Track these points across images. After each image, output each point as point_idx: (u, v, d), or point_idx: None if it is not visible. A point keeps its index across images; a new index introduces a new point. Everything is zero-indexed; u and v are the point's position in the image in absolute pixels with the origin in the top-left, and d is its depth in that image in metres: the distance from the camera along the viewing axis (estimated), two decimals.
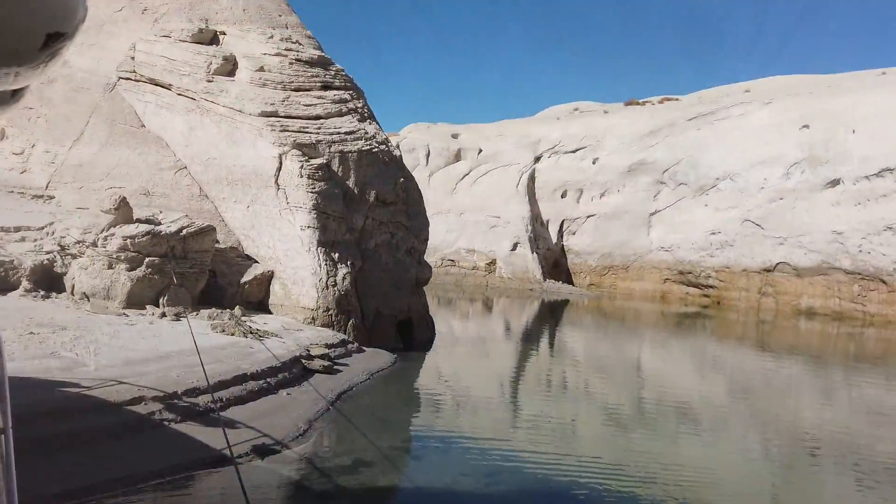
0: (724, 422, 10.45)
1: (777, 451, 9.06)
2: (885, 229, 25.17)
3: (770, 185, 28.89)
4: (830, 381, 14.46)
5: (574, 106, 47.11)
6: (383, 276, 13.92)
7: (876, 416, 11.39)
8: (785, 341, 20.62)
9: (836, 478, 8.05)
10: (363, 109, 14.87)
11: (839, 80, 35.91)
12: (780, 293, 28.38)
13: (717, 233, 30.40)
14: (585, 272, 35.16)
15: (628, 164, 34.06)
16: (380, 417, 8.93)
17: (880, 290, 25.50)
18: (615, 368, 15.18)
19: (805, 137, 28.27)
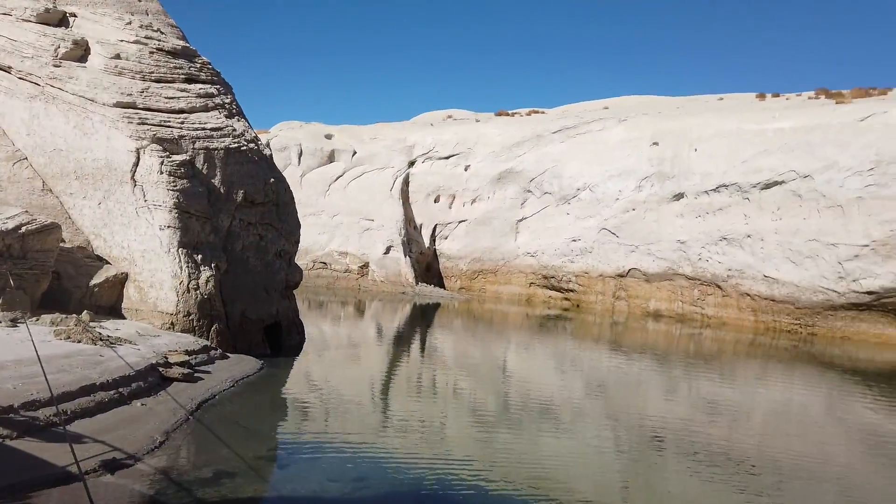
0: (581, 417, 11.15)
1: (627, 443, 9.81)
2: (720, 239, 28.01)
3: (624, 196, 31.20)
4: (673, 378, 15.86)
5: (448, 113, 48.16)
6: (251, 278, 13.45)
7: (711, 408, 12.65)
8: (635, 341, 22.33)
9: (677, 465, 8.87)
10: (231, 105, 14.29)
11: (685, 103, 39.56)
12: (631, 297, 30.71)
13: (578, 240, 32.32)
14: (457, 276, 36.00)
15: (498, 172, 35.34)
16: (244, 426, 8.62)
17: (716, 294, 28.34)
18: (483, 369, 15.69)
19: (655, 154, 30.82)
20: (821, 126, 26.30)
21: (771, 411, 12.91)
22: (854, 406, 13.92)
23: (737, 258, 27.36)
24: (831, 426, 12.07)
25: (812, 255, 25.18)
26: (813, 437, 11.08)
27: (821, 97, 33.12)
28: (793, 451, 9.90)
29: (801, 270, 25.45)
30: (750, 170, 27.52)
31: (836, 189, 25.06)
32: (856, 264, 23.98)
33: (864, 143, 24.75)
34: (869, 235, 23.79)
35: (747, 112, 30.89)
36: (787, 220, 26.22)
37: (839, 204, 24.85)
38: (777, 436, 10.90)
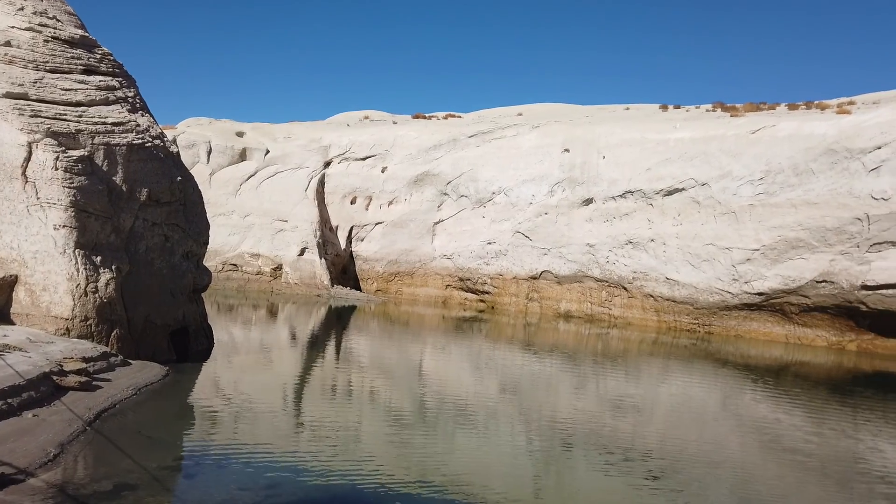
0: (495, 417, 11.36)
1: (539, 441, 10.09)
2: (626, 243, 29.31)
3: (537, 201, 32.06)
4: (583, 376, 16.46)
5: (365, 114, 47.83)
6: (155, 281, 12.84)
7: (618, 404, 13.21)
8: (547, 341, 22.99)
9: (586, 460, 9.21)
10: (135, 99, 13.60)
11: (594, 111, 41.13)
12: (544, 298, 31.60)
13: (493, 243, 32.91)
14: (373, 278, 35.79)
15: (415, 175, 35.44)
16: (147, 436, 8.23)
17: (622, 295, 29.63)
18: (398, 372, 15.68)
19: (566, 160, 31.86)
20: (717, 137, 28.06)
21: (672, 406, 13.64)
22: (746, 400, 14.93)
23: (641, 261, 28.71)
24: (726, 419, 12.90)
25: (709, 259, 26.80)
26: (710, 429, 11.79)
27: (717, 110, 35.31)
28: (692, 443, 10.51)
29: (700, 273, 27.03)
30: (653, 177, 28.96)
31: (730, 196, 26.80)
32: (747, 267, 25.72)
33: (755, 154, 26.61)
34: (759, 240, 25.58)
35: (651, 122, 32.51)
36: (687, 225, 27.78)
37: (733, 210, 26.58)
38: (677, 429, 11.54)
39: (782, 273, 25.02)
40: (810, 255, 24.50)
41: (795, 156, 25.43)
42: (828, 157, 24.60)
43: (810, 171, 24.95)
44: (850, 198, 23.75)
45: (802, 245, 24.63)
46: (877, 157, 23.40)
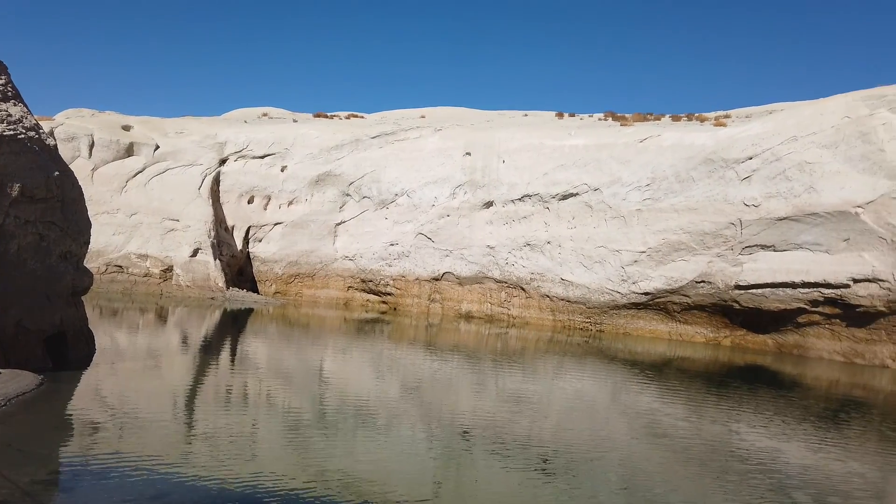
0: (396, 418, 11.37)
1: (439, 440, 10.20)
2: (524, 245, 30.20)
3: (439, 203, 32.40)
4: (482, 375, 16.79)
5: (263, 111, 46.44)
6: (28, 283, 11.85)
7: (515, 401, 13.58)
8: (448, 341, 23.26)
9: (485, 458, 9.40)
10: (6, 88, 12.50)
11: (494, 117, 42.08)
12: (445, 299, 31.96)
13: (396, 244, 32.91)
14: (272, 280, 34.78)
15: (316, 175, 34.81)
16: (19, 449, 7.58)
17: (521, 296, 30.50)
18: (297, 375, 15.34)
19: (468, 163, 32.41)
20: (608, 145, 29.52)
21: (566, 401, 14.21)
22: (633, 393, 15.79)
23: (539, 263, 29.69)
24: (615, 412, 13.59)
25: (601, 261, 28.13)
26: (600, 422, 12.38)
27: (609, 119, 37.14)
28: (584, 435, 11.00)
29: (592, 274, 28.31)
30: (550, 182, 30.05)
31: (620, 201, 28.27)
32: (635, 268, 27.23)
33: (642, 162, 28.22)
34: (646, 243, 27.15)
35: (548, 129, 33.70)
36: (581, 228, 29.03)
37: (622, 215, 28.06)
38: (571, 423, 12.03)
39: (666, 274, 26.68)
40: (691, 258, 26.28)
41: (678, 164, 27.21)
42: (706, 166, 26.50)
43: (691, 179, 26.77)
44: (725, 204, 25.70)
45: (684, 248, 26.38)
46: (748, 167, 25.47)
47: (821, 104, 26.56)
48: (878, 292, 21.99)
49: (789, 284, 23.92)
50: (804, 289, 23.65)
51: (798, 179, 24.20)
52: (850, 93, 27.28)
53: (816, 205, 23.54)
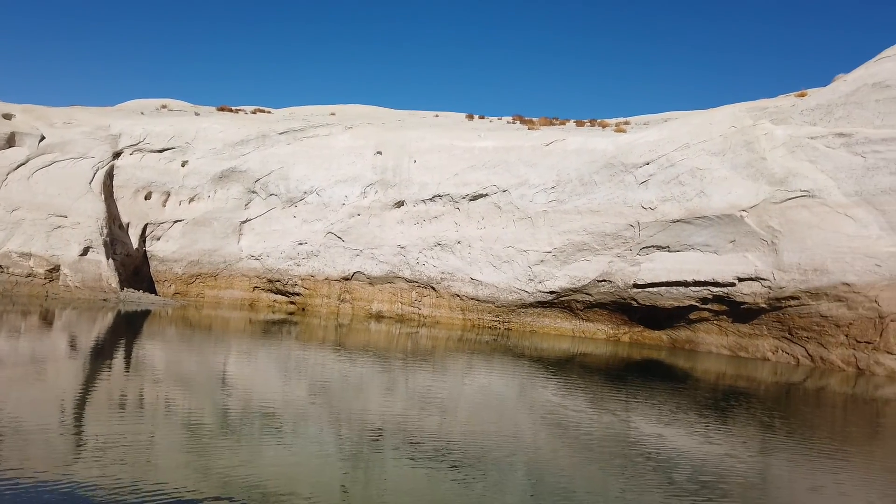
0: (304, 421, 11.13)
1: (348, 443, 10.07)
2: (435, 245, 30.39)
3: (350, 202, 32.03)
4: (392, 375, 16.74)
5: (162, 102, 44.20)
6: None
7: (425, 401, 13.64)
8: (358, 342, 23.05)
9: (395, 459, 9.37)
10: None
11: (406, 116, 42.10)
12: (356, 299, 31.64)
13: (305, 243, 32.23)
14: (171, 280, 33.15)
15: (220, 171, 33.51)
16: None
17: (431, 295, 30.67)
18: (198, 380, 14.70)
19: (379, 162, 32.24)
20: (516, 148, 30.23)
21: (474, 400, 14.42)
22: (538, 389, 16.25)
23: (449, 262, 29.97)
24: (522, 408, 13.93)
25: (509, 260, 28.77)
26: (508, 418, 12.66)
27: (517, 122, 38.04)
28: (492, 432, 11.20)
29: (500, 273, 28.90)
30: (460, 182, 30.41)
31: (527, 203, 29.02)
32: (541, 268, 28.04)
33: (548, 165, 29.10)
34: (551, 243, 28.02)
35: (459, 130, 34.09)
36: (490, 228, 29.57)
37: (529, 216, 28.82)
38: (479, 420, 12.22)
39: (570, 273, 27.66)
40: (593, 257, 27.38)
41: (581, 168, 28.27)
42: (607, 171, 27.68)
43: (593, 182, 27.89)
44: (624, 207, 26.95)
45: (587, 248, 27.44)
46: (646, 172, 26.83)
47: (710, 114, 28.40)
48: (759, 290, 23.76)
49: (682, 283, 25.41)
50: (695, 287, 25.19)
51: (690, 184, 25.74)
52: (736, 104, 29.36)
53: (706, 208, 25.13)
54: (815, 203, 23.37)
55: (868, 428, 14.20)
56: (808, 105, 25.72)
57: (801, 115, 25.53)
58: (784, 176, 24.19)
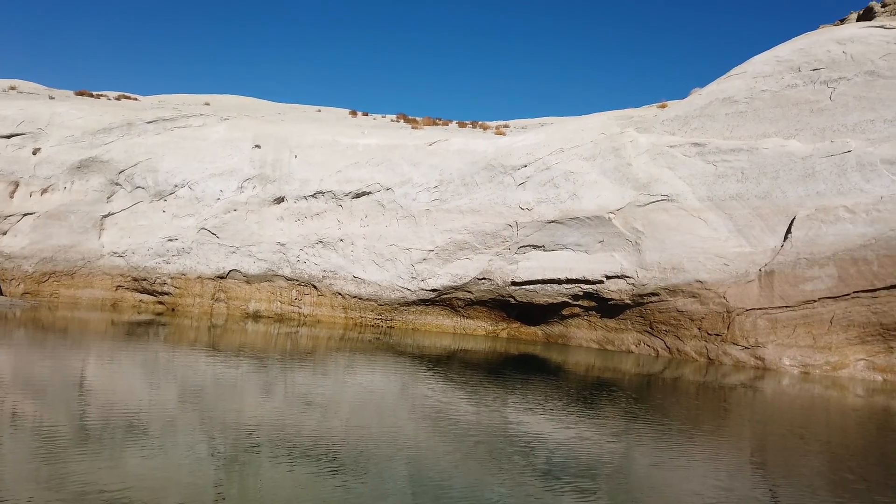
0: (173, 427, 10.53)
1: (222, 449, 9.65)
2: (317, 242, 29.81)
3: (226, 196, 30.66)
4: (269, 376, 16.24)
5: (11, 83, 40.07)
6: None
7: (305, 402, 13.36)
8: (234, 343, 22.14)
9: (272, 463, 9.10)
10: None
11: (287, 110, 40.94)
12: (231, 298, 30.35)
13: (175, 239, 30.46)
14: (19, 279, 30.10)
15: (79, 160, 30.88)
16: None
17: (312, 294, 30.06)
18: (53, 386, 13.47)
19: (257, 156, 31.10)
20: (400, 146, 30.32)
21: (356, 399, 14.32)
22: (419, 386, 16.42)
23: (331, 260, 29.52)
24: (403, 406, 14.02)
25: (392, 259, 28.81)
26: (389, 416, 12.69)
27: (401, 121, 38.18)
28: (373, 430, 11.17)
29: (383, 271, 28.88)
30: (343, 179, 30.04)
31: (410, 201, 29.20)
32: (424, 266, 28.33)
33: (431, 164, 29.44)
34: (434, 242, 28.38)
35: (342, 126, 33.67)
36: (373, 226, 29.45)
37: (413, 214, 29.02)
38: (361, 419, 12.15)
39: (452, 271, 28.16)
40: (474, 256, 28.05)
41: (463, 168, 28.86)
42: (488, 172, 28.46)
43: (475, 183, 28.57)
44: (504, 207, 27.84)
45: (468, 247, 28.07)
46: (523, 174, 27.87)
47: (583, 121, 29.99)
48: (625, 287, 25.42)
49: (556, 281, 26.65)
50: (568, 284, 26.51)
51: (564, 187, 27.05)
52: (606, 112, 31.22)
53: (578, 210, 26.52)
54: (674, 207, 25.37)
55: (715, 412, 15.65)
56: (668, 116, 27.86)
57: (662, 125, 27.60)
58: (647, 181, 26.04)
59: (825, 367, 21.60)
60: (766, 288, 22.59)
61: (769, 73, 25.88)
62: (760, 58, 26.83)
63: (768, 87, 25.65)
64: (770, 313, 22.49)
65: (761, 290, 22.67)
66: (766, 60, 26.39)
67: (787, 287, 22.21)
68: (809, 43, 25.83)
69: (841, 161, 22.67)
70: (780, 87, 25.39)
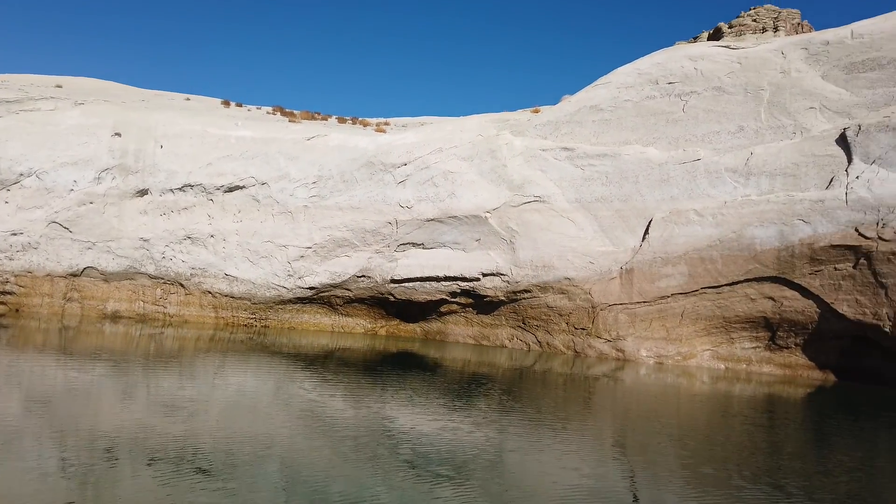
0: (18, 440, 9.57)
1: (75, 460, 8.91)
2: (184, 238, 28.21)
3: (80, 188, 28.23)
4: (129, 381, 15.18)
5: None
6: None
7: (170, 407, 12.61)
8: (89, 346, 20.46)
9: (132, 473, 8.52)
10: None
11: (151, 97, 38.35)
12: (86, 298, 28.00)
13: (20, 233, 27.63)
14: None
15: None
16: None
17: (179, 292, 28.41)
18: None
19: (117, 145, 28.90)
20: (277, 140, 29.41)
21: (227, 402, 13.73)
22: (295, 387, 16.05)
23: (200, 257, 28.06)
24: (277, 407, 13.63)
25: (267, 256, 27.89)
26: (262, 418, 12.28)
27: (277, 113, 37.02)
28: (245, 434, 10.77)
29: (258, 269, 27.89)
30: (215, 172, 28.65)
31: (287, 197, 28.41)
32: (301, 263, 27.69)
33: (310, 160, 28.82)
34: (312, 239, 27.81)
35: (213, 116, 32.09)
36: (247, 222, 28.35)
37: (290, 210, 28.25)
38: (232, 423, 11.67)
39: (330, 269, 27.75)
40: (353, 253, 27.80)
41: (343, 164, 28.52)
42: (368, 169, 28.32)
43: (355, 180, 28.32)
44: (384, 205, 27.83)
45: (347, 244, 27.78)
46: (403, 172, 28.01)
47: (461, 122, 30.63)
48: (500, 284, 26.29)
49: (434, 278, 27.05)
50: (446, 282, 26.99)
51: (443, 186, 27.50)
52: (483, 115, 32.09)
53: (457, 209, 27.07)
54: (545, 207, 26.58)
55: (579, 402, 16.61)
56: (541, 120, 29.13)
57: (535, 129, 28.82)
58: (521, 182, 27.09)
59: (677, 357, 23.58)
60: (626, 285, 24.26)
61: (631, 84, 27.78)
62: (624, 69, 28.74)
63: (630, 97, 27.53)
64: (630, 308, 24.18)
65: (622, 287, 24.31)
66: (629, 72, 28.31)
67: (644, 284, 23.98)
68: (666, 58, 28.02)
69: (692, 168, 24.82)
70: (641, 97, 27.34)
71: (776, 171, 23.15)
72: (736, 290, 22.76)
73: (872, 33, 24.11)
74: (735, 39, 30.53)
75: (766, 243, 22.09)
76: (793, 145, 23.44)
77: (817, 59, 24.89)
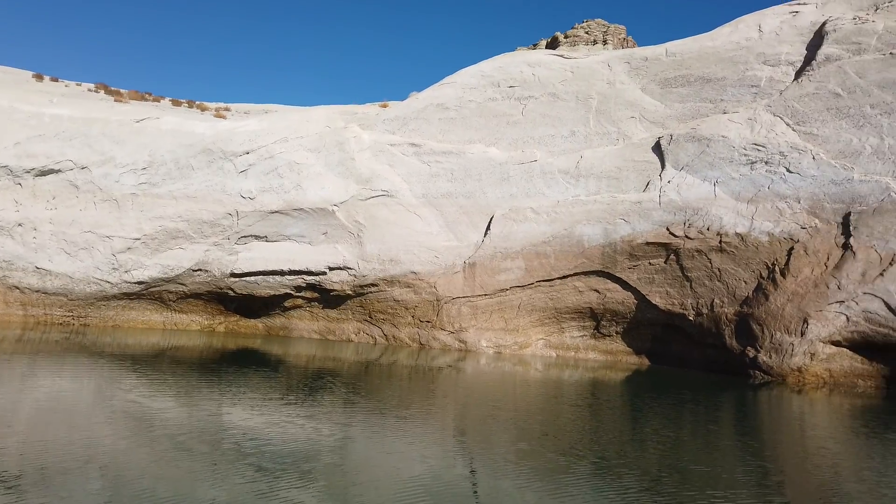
0: None
1: None
2: None
3: None
4: None
5: None
6: None
7: None
8: None
9: None
10: None
11: None
12: None
13: None
14: None
15: None
16: None
17: None
18: None
19: None
20: (100, 120, 26.82)
21: (38, 408, 12.34)
22: (119, 390, 14.80)
23: (6, 248, 24.92)
24: (98, 412, 12.48)
25: (87, 247, 25.39)
26: (81, 426, 11.19)
27: (101, 91, 33.77)
28: (58, 444, 9.76)
29: (77, 262, 25.31)
30: (23, 153, 25.55)
31: (112, 183, 26.05)
32: (128, 256, 25.54)
33: (140, 144, 26.62)
34: (141, 230, 25.75)
35: (23, 91, 28.57)
36: (63, 210, 25.61)
37: (115, 198, 25.93)
38: (42, 433, 10.51)
39: (162, 262, 25.89)
40: (189, 246, 26.16)
41: (177, 150, 26.69)
42: (206, 156, 26.77)
43: (191, 167, 26.63)
44: (223, 195, 26.48)
45: (182, 236, 26.07)
46: (245, 161, 26.84)
47: (308, 112, 29.93)
48: (347, 278, 26.12)
49: (278, 272, 26.24)
50: (291, 276, 26.30)
51: (288, 177, 26.73)
52: (331, 106, 31.59)
53: (303, 201, 26.45)
54: (393, 202, 26.80)
55: (423, 392, 17.02)
56: (389, 115, 29.30)
57: (384, 124, 28.93)
58: (369, 176, 27.06)
59: (514, 346, 24.93)
60: (469, 278, 25.20)
61: (475, 85, 28.84)
62: (468, 70, 29.75)
63: (474, 98, 28.58)
64: (472, 301, 25.15)
65: (465, 281, 25.22)
66: (473, 74, 29.36)
67: (486, 277, 25.07)
68: (507, 62, 29.43)
69: (529, 168, 26.32)
70: (484, 98, 28.48)
71: (602, 173, 25.25)
72: (567, 283, 24.52)
73: (683, 52, 27.10)
74: (569, 49, 32.87)
75: (593, 240, 24.04)
76: (616, 151, 25.70)
77: (638, 72, 27.48)
